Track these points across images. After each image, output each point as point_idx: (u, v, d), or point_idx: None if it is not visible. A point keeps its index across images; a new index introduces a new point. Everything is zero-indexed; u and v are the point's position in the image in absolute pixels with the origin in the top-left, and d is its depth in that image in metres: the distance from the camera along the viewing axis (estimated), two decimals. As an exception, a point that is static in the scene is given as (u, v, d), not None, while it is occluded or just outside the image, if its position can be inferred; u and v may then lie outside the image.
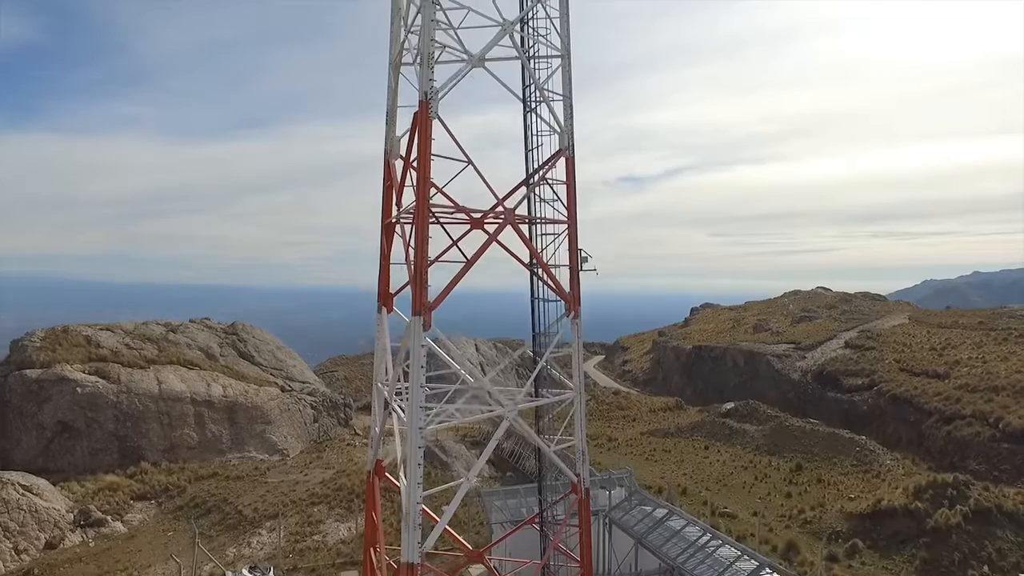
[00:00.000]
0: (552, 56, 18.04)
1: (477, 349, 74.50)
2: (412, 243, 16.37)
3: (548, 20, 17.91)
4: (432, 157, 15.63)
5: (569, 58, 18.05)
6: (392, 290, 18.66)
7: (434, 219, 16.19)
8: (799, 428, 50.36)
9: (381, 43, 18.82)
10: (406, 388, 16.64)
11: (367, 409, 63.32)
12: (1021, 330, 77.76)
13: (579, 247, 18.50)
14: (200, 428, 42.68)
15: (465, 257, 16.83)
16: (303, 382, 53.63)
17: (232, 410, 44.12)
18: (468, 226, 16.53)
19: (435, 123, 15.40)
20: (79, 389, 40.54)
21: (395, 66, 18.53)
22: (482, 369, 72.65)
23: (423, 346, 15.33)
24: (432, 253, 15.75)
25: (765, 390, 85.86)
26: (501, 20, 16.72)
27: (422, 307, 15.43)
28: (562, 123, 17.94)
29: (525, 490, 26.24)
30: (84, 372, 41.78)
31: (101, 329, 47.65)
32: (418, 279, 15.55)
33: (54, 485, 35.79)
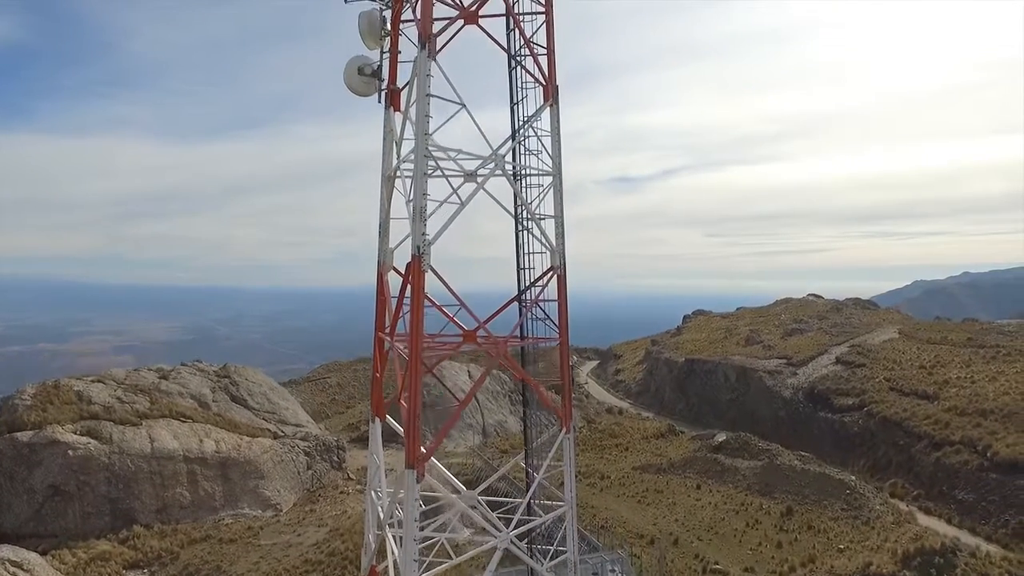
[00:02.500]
0: (543, 174, 18.15)
1: (470, 376, 74.47)
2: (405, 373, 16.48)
3: (538, 139, 18.01)
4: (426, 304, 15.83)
5: (560, 177, 18.19)
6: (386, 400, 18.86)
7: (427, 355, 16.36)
8: (789, 467, 50.77)
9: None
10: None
11: (361, 442, 63.30)
12: (1009, 348, 78.29)
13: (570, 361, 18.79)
14: (193, 486, 42.55)
15: (457, 399, 17.04)
16: (296, 425, 53.63)
17: (225, 466, 43.98)
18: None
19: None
20: (71, 452, 40.31)
21: (388, 180, 18.53)
22: (476, 400, 72.74)
23: (416, 499, 15.43)
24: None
25: (757, 407, 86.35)
26: (491, 150, 16.84)
27: (415, 460, 15.47)
28: (553, 242, 18.03)
29: (517, 572, 26.37)
30: (76, 433, 41.52)
31: (93, 381, 47.40)
32: (410, 433, 15.58)
33: (45, 553, 35.62)
